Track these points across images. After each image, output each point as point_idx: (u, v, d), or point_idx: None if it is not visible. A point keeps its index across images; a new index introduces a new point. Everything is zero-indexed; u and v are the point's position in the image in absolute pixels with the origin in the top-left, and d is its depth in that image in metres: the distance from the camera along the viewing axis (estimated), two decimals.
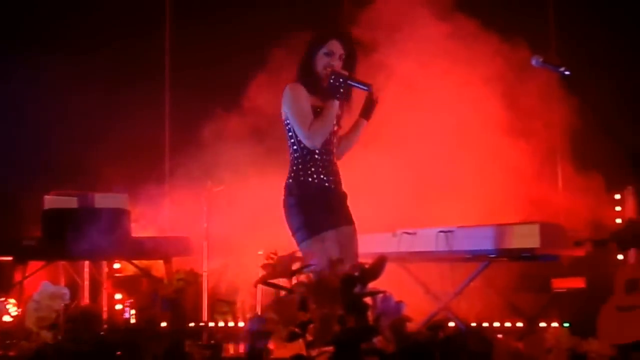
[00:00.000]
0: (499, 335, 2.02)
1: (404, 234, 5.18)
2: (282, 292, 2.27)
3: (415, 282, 5.40)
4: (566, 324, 5.26)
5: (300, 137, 4.09)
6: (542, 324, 5.47)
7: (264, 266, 2.27)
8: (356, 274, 2.19)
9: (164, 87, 7.62)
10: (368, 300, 2.21)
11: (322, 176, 4.12)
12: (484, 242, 4.85)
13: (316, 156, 4.11)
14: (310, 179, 4.10)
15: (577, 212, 5.57)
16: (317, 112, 4.08)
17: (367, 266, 2.22)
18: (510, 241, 4.73)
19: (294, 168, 4.14)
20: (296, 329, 2.18)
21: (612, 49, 6.39)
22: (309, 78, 4.14)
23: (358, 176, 5.54)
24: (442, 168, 5.66)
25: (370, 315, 2.18)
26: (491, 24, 5.83)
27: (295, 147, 4.14)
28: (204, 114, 6.50)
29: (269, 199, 5.72)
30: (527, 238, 4.60)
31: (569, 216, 5.66)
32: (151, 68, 7.54)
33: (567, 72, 4.58)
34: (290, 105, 4.13)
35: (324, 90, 4.11)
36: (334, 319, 2.13)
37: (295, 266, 2.27)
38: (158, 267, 5.95)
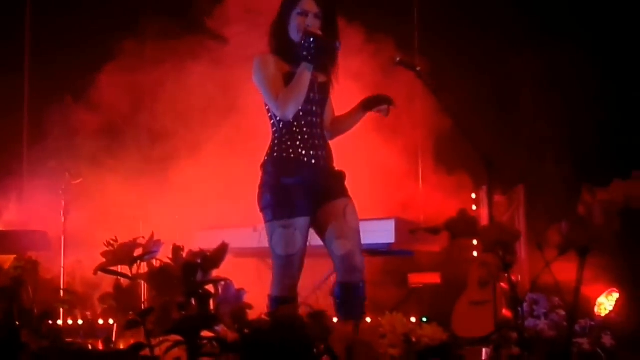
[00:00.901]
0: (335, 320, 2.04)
1: (264, 229, 5.18)
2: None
3: None
4: (424, 319, 5.40)
5: (271, 108, 3.75)
6: None
7: (104, 253, 2.23)
8: (198, 261, 2.18)
9: (22, 79, 7.36)
10: (210, 288, 2.21)
11: (300, 150, 3.74)
12: None
13: (294, 129, 3.75)
14: (284, 154, 3.74)
15: (436, 210, 5.72)
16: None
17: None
18: (367, 236, 4.81)
19: (271, 145, 3.82)
20: (136, 317, 2.16)
21: (473, 51, 6.58)
22: (281, 43, 3.80)
23: (220, 170, 5.55)
24: None
25: (212, 303, 2.19)
26: (357, 21, 5.90)
27: (272, 121, 3.81)
28: (62, 106, 6.32)
29: (125, 192, 5.67)
30: (383, 233, 4.69)
31: (429, 214, 5.82)
32: (10, 59, 7.28)
33: (419, 71, 4.71)
34: (257, 75, 3.77)
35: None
36: (174, 307, 2.12)
37: (137, 253, 2.24)
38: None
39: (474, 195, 6.04)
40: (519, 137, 5.93)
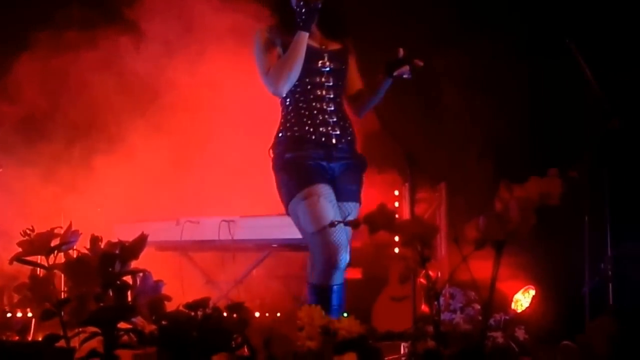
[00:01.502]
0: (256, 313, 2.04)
1: (187, 222, 5.15)
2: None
3: (197, 271, 5.39)
4: (345, 314, 5.42)
5: (264, 84, 3.44)
6: None
7: (20, 243, 2.18)
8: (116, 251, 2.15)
9: None
10: (128, 279, 2.19)
11: (306, 127, 3.39)
12: (266, 231, 4.92)
13: (300, 104, 3.43)
14: (289, 133, 3.43)
15: (364, 206, 5.76)
16: None
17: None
18: (290, 231, 4.81)
19: (279, 124, 3.51)
20: (52, 308, 2.12)
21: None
22: (283, 15, 3.47)
23: (141, 163, 5.48)
24: (229, 157, 5.66)
25: (129, 294, 2.16)
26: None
27: (280, 101, 3.50)
28: None
29: (46, 183, 5.55)
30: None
31: None
32: None
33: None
34: (255, 53, 3.49)
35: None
36: (90, 298, 2.09)
37: (54, 243, 2.20)
38: None
39: (397, 192, 6.10)
40: (442, 135, 6.00)
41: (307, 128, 3.41)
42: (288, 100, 3.46)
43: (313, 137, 3.39)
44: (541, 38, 4.96)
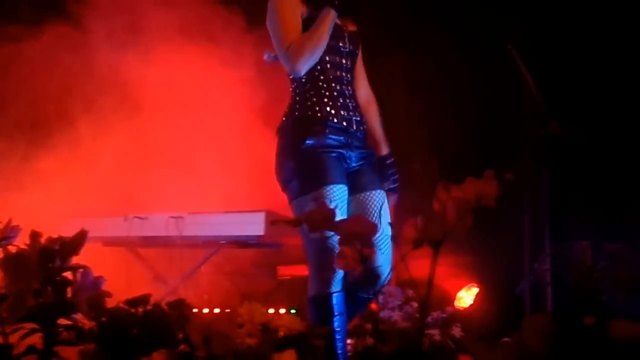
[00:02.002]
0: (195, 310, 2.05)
1: (135, 218, 5.12)
2: None
3: (145, 267, 5.36)
4: (293, 310, 5.44)
5: (281, 60, 3.09)
6: (271, 310, 5.63)
7: None
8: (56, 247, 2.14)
9: None
10: (69, 275, 2.18)
11: (328, 109, 3.08)
12: (213, 228, 4.92)
13: (321, 83, 3.13)
14: (310, 113, 3.09)
15: None
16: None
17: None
18: (238, 228, 4.83)
19: (291, 103, 3.18)
20: None
21: None
22: None
23: (91, 158, 5.44)
24: (178, 153, 5.65)
25: (69, 290, 2.15)
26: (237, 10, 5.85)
27: (291, 78, 3.18)
28: None
29: None
30: (253, 225, 4.72)
31: None
32: None
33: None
34: (270, 17, 3.11)
35: None
36: (29, 294, 2.08)
37: None
38: None
39: None
40: (388, 135, 6.05)
41: (328, 109, 3.11)
42: (305, 78, 3.13)
43: (335, 120, 3.11)
44: (485, 41, 5.01)
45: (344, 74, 3.21)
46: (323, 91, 3.12)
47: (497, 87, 5.41)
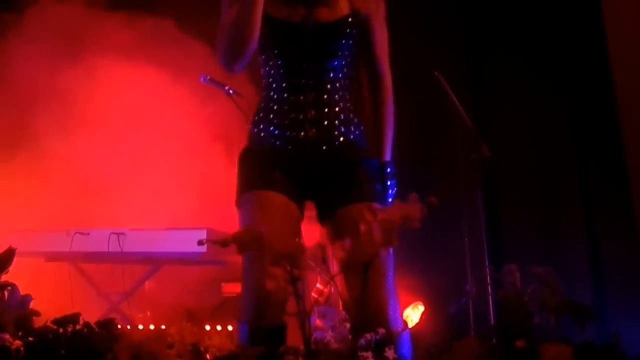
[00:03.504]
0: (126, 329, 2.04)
1: (77, 234, 5.07)
2: None
3: (87, 283, 5.31)
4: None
5: None
6: (218, 327, 5.61)
7: None
8: None
9: None
10: None
11: (271, 128, 2.69)
12: (155, 244, 4.90)
13: (272, 94, 2.72)
14: (255, 129, 2.74)
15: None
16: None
17: None
18: (180, 245, 4.82)
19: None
20: None
21: None
22: None
23: (27, 171, 5.38)
24: (126, 168, 5.61)
25: None
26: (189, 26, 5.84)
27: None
28: None
29: None
30: (195, 243, 4.70)
31: None
32: None
33: (231, 91, 4.75)
34: None
35: None
36: None
37: None
38: None
39: None
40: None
41: (272, 129, 2.74)
42: (262, 84, 2.82)
43: (277, 143, 2.75)
44: (414, 68, 5.07)
45: (303, 80, 2.68)
46: (271, 104, 2.72)
47: (429, 113, 5.49)
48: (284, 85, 2.70)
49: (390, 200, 2.80)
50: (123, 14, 5.77)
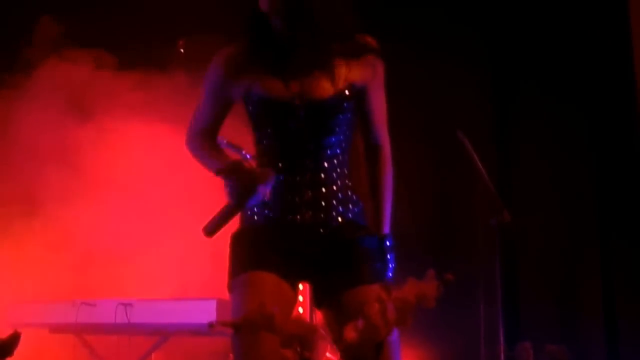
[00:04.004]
0: None
1: (82, 304, 4.99)
2: None
3: (92, 356, 5.21)
4: None
5: None
6: None
7: None
8: None
9: None
10: None
11: (266, 211, 2.60)
12: (163, 315, 4.81)
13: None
14: (249, 212, 2.63)
15: None
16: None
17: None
18: (188, 316, 4.73)
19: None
20: None
21: None
22: (253, 21, 2.54)
23: (32, 239, 5.33)
24: (134, 234, 5.53)
25: None
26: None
27: None
28: None
29: None
30: (204, 314, 4.62)
31: None
32: None
33: (248, 156, 4.71)
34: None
35: (284, 43, 2.52)
36: None
37: None
38: None
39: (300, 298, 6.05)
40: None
41: (264, 209, 2.68)
42: (260, 155, 2.70)
43: (278, 219, 2.68)
44: (438, 129, 5.05)
45: (299, 160, 2.58)
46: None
47: (450, 176, 5.44)
48: (279, 165, 2.57)
49: (390, 275, 2.65)
50: (133, 73, 5.76)
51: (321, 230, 2.57)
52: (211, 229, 2.48)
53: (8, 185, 5.49)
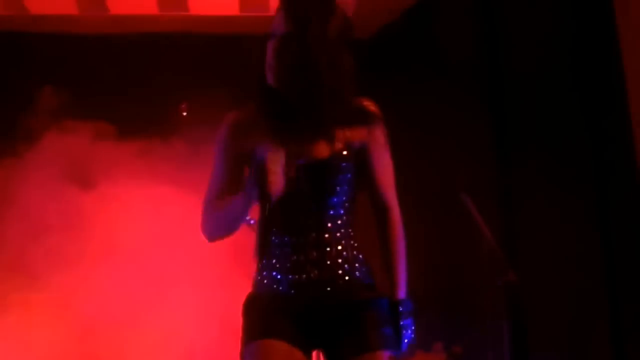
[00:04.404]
0: None
1: None
2: None
3: None
4: None
5: None
6: None
7: None
8: None
9: None
10: None
11: (274, 273, 2.60)
12: None
13: (272, 237, 2.62)
14: (259, 277, 2.65)
15: None
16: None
17: None
18: None
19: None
20: None
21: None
22: (260, 91, 2.58)
23: (27, 310, 5.24)
24: (137, 301, 5.43)
25: None
26: None
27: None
28: None
29: None
30: None
31: None
32: None
33: (252, 222, 4.66)
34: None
35: (288, 104, 2.52)
36: None
37: None
38: None
39: None
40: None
41: (274, 274, 2.69)
42: (265, 224, 2.67)
43: (289, 290, 2.68)
44: (439, 192, 5.01)
45: (302, 221, 2.59)
46: (272, 248, 2.62)
47: (454, 237, 5.39)
48: (283, 227, 2.60)
49: (406, 341, 2.62)
50: (134, 141, 5.76)
51: (328, 289, 2.57)
52: None
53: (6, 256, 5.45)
